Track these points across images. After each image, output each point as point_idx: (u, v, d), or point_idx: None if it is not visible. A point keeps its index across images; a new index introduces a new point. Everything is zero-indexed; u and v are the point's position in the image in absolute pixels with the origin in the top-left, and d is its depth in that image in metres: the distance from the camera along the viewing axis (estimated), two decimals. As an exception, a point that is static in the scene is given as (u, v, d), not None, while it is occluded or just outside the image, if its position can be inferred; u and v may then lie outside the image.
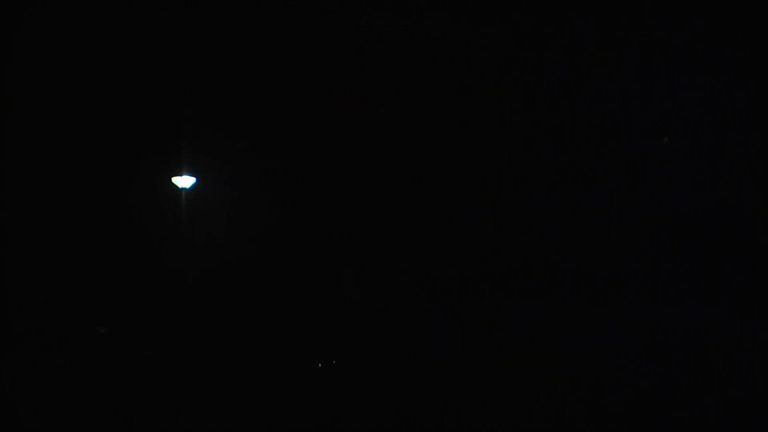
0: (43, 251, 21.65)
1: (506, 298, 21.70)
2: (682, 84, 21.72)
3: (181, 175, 21.73)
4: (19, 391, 16.51)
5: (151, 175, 22.40)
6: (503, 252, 22.39)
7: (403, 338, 20.37)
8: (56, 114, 22.43)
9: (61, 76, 22.30)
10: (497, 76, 22.49)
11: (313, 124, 23.34)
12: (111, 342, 19.85)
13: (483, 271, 22.14)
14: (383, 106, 22.80)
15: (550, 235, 22.23)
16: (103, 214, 22.16)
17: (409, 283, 22.12)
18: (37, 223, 21.88)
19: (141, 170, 22.52)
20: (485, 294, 21.74)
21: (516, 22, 22.13)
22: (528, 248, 22.40)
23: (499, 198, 22.77)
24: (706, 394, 16.78)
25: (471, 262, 22.36)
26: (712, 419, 15.75)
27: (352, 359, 19.80)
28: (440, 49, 22.66)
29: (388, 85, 22.99)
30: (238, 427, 15.75)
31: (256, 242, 22.61)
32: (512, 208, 22.63)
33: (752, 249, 20.69)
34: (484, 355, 19.59)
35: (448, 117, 22.98)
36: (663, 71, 21.86)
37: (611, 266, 21.73)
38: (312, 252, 22.66)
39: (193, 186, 21.86)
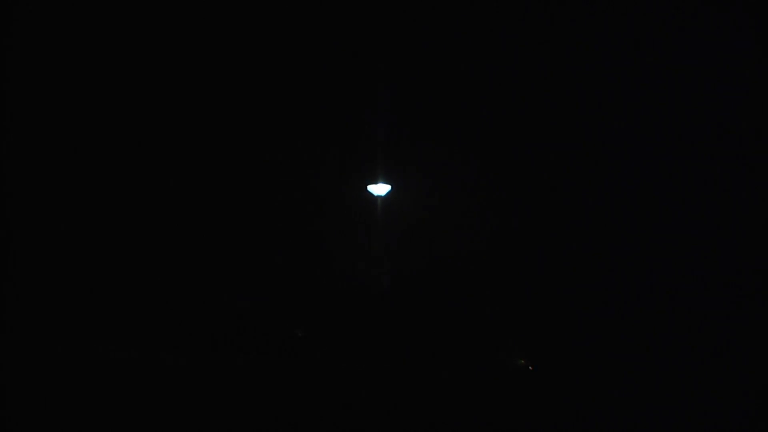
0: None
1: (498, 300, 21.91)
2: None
3: (376, 183, 21.53)
4: (19, 390, 16.51)
5: (344, 183, 21.90)
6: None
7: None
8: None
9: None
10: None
11: (516, 129, 22.11)
12: (307, 345, 19.88)
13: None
14: None
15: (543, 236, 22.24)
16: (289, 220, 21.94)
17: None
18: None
19: (333, 177, 21.98)
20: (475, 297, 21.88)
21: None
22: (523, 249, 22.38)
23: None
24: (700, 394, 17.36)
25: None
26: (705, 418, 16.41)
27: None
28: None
29: None
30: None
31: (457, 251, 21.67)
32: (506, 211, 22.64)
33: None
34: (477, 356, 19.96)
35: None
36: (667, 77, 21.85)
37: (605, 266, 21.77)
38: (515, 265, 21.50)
39: (388, 194, 21.61)
